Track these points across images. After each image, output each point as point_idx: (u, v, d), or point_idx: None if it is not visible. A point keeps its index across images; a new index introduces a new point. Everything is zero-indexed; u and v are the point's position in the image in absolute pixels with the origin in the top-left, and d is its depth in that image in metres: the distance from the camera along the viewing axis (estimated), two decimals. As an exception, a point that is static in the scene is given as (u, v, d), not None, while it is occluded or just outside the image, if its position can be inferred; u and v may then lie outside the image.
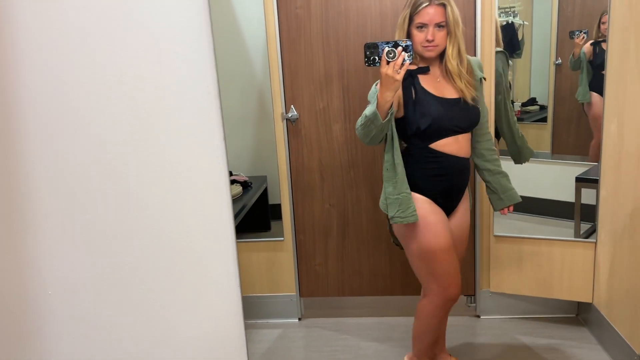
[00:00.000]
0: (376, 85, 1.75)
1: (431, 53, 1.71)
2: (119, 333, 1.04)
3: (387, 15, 2.28)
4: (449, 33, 1.70)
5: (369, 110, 1.66)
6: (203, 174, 1.02)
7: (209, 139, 1.00)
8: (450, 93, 1.75)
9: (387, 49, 1.59)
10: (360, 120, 1.71)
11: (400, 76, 1.59)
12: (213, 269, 1.09)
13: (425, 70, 1.75)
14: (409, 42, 1.60)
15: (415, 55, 1.74)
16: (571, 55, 2.39)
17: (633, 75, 1.89)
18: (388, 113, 1.64)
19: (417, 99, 1.72)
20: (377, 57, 1.61)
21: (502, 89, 2.29)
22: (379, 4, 2.27)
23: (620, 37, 1.98)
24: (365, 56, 1.62)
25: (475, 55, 2.24)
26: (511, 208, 1.94)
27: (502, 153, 2.24)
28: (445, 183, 1.79)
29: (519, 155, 2.18)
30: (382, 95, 1.61)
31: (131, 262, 1.05)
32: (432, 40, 1.69)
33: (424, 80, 1.75)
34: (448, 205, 1.84)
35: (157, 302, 1.05)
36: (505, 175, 1.92)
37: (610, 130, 2.10)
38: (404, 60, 1.59)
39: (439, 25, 1.69)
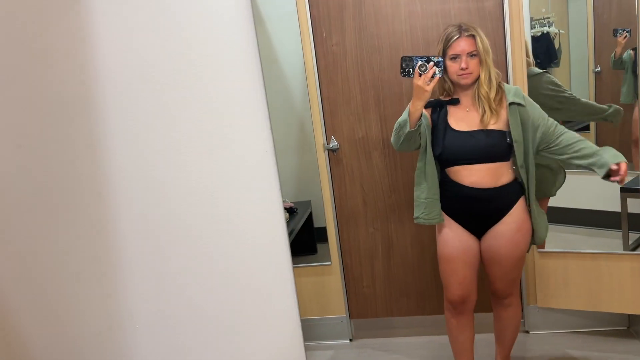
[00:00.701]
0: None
1: (467, 80, 1.86)
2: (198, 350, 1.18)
3: (419, 47, 2.39)
4: (480, 61, 1.85)
5: (401, 118, 1.90)
6: (262, 222, 1.17)
7: (267, 190, 1.14)
8: (474, 124, 1.88)
9: (420, 62, 1.81)
10: (395, 127, 1.95)
11: (430, 87, 1.79)
12: (275, 299, 1.22)
13: (455, 102, 1.92)
14: (440, 58, 1.82)
15: (451, 87, 1.89)
16: (613, 54, 2.37)
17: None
18: (417, 123, 1.85)
19: (437, 127, 1.91)
20: (411, 70, 1.83)
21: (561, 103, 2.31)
22: (411, 38, 2.38)
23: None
24: (401, 67, 1.84)
25: (507, 81, 2.30)
26: (622, 169, 1.79)
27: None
28: (461, 207, 1.94)
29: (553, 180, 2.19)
30: (413, 104, 1.84)
31: (203, 298, 1.19)
32: (466, 68, 1.84)
33: (452, 111, 1.92)
34: (472, 228, 1.95)
35: (227, 333, 1.19)
36: (586, 146, 1.88)
37: (649, 143, 2.12)
38: (434, 73, 1.80)
39: (470, 55, 1.84)
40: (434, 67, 1.80)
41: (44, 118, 1.10)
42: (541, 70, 2.36)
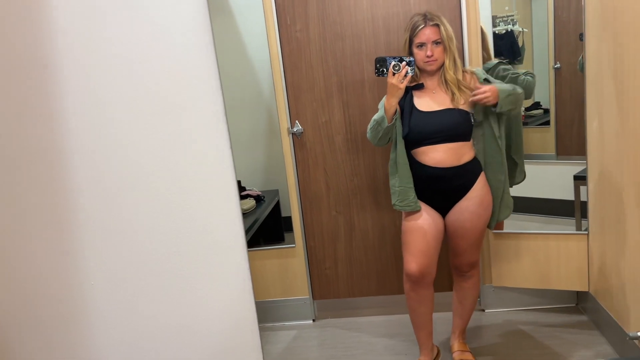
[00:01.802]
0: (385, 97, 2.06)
1: (432, 67, 2.00)
2: (148, 315, 1.23)
3: (380, 35, 2.47)
4: (445, 48, 1.98)
5: (377, 115, 2.02)
6: (213, 175, 1.24)
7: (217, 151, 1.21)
8: (443, 104, 2.01)
9: (393, 62, 1.94)
10: (370, 125, 2.05)
11: (403, 85, 1.93)
12: (228, 253, 1.28)
13: (420, 87, 2.04)
14: (412, 58, 1.95)
15: (417, 72, 2.03)
16: (580, 57, 2.43)
17: (608, 78, 2.06)
18: (393, 118, 1.97)
19: (404, 111, 2.01)
20: (385, 69, 1.96)
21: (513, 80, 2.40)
22: (372, 26, 2.47)
23: (595, 44, 2.15)
24: (375, 68, 1.97)
25: (464, 65, 2.41)
26: (480, 89, 1.98)
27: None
28: (427, 187, 2.04)
29: (513, 174, 2.31)
30: (388, 102, 1.97)
31: (158, 253, 1.25)
32: (432, 56, 1.98)
33: (419, 95, 2.04)
34: (437, 205, 2.07)
35: (184, 288, 1.24)
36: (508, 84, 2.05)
37: (593, 128, 2.25)
38: (407, 72, 1.93)
39: (435, 42, 1.98)
40: (407, 67, 1.93)
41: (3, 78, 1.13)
42: (496, 61, 2.47)
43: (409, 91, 2.04)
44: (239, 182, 3.08)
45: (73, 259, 1.17)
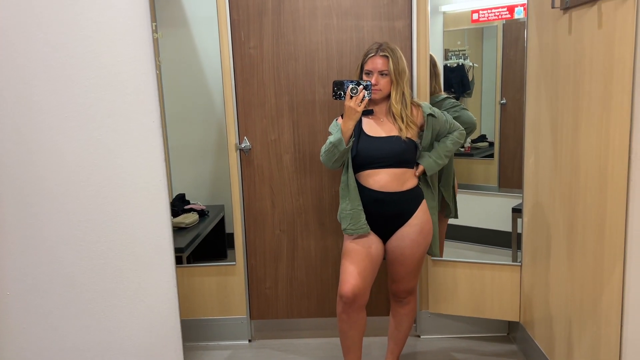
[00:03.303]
0: (337, 120, 2.10)
1: (376, 95, 2.04)
2: (67, 331, 1.16)
3: (333, 58, 2.50)
4: (392, 81, 2.01)
5: (334, 137, 2.01)
6: (144, 188, 1.19)
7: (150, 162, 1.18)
8: (389, 131, 2.06)
9: (351, 86, 1.96)
10: (324, 147, 2.05)
11: (360, 108, 1.96)
12: (153, 269, 1.23)
13: (369, 113, 2.09)
14: (369, 82, 1.98)
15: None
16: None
17: (544, 116, 2.16)
18: (350, 140, 1.99)
19: (354, 134, 2.03)
20: (342, 92, 1.99)
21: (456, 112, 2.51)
22: (326, 48, 2.50)
23: (534, 83, 2.26)
24: (333, 91, 2.00)
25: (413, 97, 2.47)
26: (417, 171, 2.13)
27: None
28: (370, 210, 2.06)
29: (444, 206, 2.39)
30: (345, 124, 1.98)
31: (78, 267, 1.18)
32: (376, 85, 2.01)
33: (367, 120, 2.09)
34: (379, 230, 2.09)
35: (107, 303, 1.18)
36: (439, 147, 2.15)
37: (529, 163, 2.35)
38: (364, 96, 1.96)
39: (382, 73, 2.02)
40: (364, 91, 1.97)
41: None
42: (444, 95, 2.56)
43: None
44: (183, 195, 3.03)
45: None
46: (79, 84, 1.09)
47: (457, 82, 2.82)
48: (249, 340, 2.70)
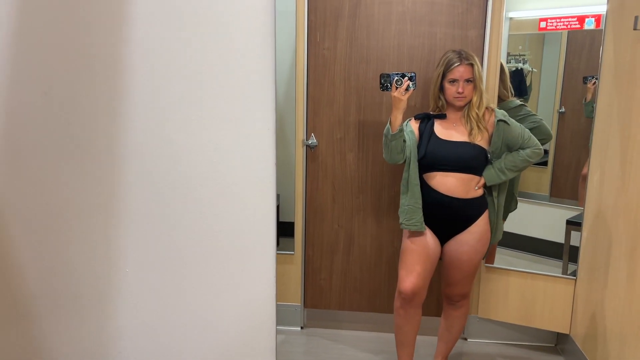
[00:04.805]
0: (409, 120, 2.22)
1: (461, 102, 2.13)
2: (174, 307, 1.31)
3: (404, 63, 2.57)
4: (475, 87, 2.10)
5: (385, 129, 2.14)
6: (254, 187, 1.32)
7: (263, 161, 1.30)
8: (460, 136, 2.13)
9: (396, 77, 2.09)
10: (383, 141, 2.17)
11: (405, 97, 2.08)
12: (256, 256, 1.37)
13: (442, 117, 2.18)
14: (413, 73, 2.10)
15: (444, 103, 2.17)
16: (584, 99, 2.56)
17: (614, 135, 2.17)
18: (399, 128, 2.09)
19: (422, 135, 2.14)
20: (389, 84, 2.11)
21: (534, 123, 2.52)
22: (397, 53, 2.57)
23: (607, 99, 2.27)
24: (380, 83, 2.13)
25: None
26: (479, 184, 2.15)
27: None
28: (433, 212, 2.14)
29: (509, 203, 2.42)
30: (393, 114, 2.11)
31: (192, 249, 1.33)
32: (462, 92, 2.09)
33: (440, 124, 2.17)
34: (438, 232, 2.16)
35: (211, 286, 1.32)
36: (508, 159, 2.15)
37: (594, 180, 2.37)
38: (408, 86, 2.08)
39: (467, 80, 2.10)
40: (408, 81, 2.07)
41: (70, 71, 1.20)
42: (519, 102, 2.57)
43: (431, 118, 2.17)
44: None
45: (116, 245, 1.24)
46: (207, 92, 1.22)
47: (515, 86, 2.82)
48: (301, 327, 2.83)
